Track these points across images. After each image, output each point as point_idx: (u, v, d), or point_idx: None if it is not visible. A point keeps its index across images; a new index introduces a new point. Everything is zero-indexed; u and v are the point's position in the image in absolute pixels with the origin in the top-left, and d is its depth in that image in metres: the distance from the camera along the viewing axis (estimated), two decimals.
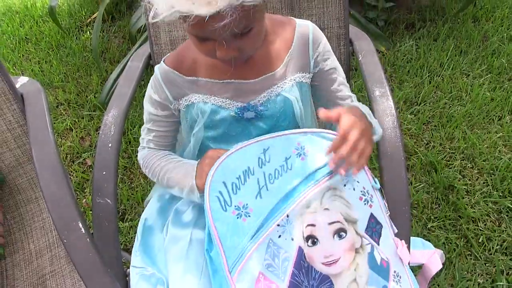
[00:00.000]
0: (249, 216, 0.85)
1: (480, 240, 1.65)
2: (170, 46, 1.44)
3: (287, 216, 0.85)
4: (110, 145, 1.17)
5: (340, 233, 0.87)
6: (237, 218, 0.85)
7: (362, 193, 0.92)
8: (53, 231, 1.27)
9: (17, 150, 1.34)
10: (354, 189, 0.91)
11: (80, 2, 3.38)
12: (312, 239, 0.85)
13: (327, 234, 0.86)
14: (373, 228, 0.91)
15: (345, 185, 0.90)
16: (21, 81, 1.38)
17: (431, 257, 1.02)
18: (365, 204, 0.91)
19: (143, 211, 1.20)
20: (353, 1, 2.71)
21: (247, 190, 0.87)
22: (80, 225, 0.99)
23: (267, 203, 0.86)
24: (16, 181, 1.35)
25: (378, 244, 0.91)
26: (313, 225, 0.86)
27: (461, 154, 1.98)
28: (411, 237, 1.01)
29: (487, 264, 1.58)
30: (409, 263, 0.96)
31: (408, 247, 0.98)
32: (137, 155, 2.06)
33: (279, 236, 0.84)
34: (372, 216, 0.92)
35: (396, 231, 0.97)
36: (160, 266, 1.02)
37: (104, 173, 1.13)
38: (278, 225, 0.85)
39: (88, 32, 3.07)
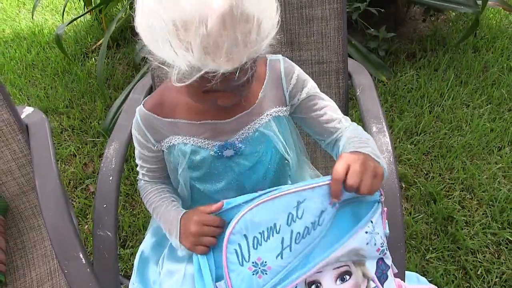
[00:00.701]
0: (266, 273, 0.83)
1: (479, 272, 1.64)
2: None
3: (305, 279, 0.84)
4: (111, 178, 1.19)
5: (343, 276, 0.85)
6: (253, 274, 0.83)
7: (381, 245, 0.89)
8: (54, 259, 1.28)
9: (21, 179, 1.38)
10: (375, 244, 0.87)
11: (86, 29, 3.44)
12: (315, 284, 0.85)
13: (329, 278, 0.85)
14: (383, 270, 0.89)
15: (367, 244, 0.86)
16: (26, 112, 1.41)
17: None
18: (380, 254, 0.89)
19: (143, 239, 1.23)
20: (354, 31, 2.77)
21: (269, 247, 0.84)
22: (81, 255, 1.02)
23: (286, 263, 0.83)
24: (19, 209, 1.38)
25: (383, 287, 0.90)
26: (319, 271, 0.85)
27: (460, 185, 1.99)
28: (407, 272, 1.02)
29: None
30: None
31: (403, 279, 0.98)
32: None
33: None
34: (381, 258, 0.90)
35: (396, 271, 0.95)
36: None
37: (104, 205, 1.15)
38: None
39: (93, 58, 3.13)
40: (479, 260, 1.69)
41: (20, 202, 1.38)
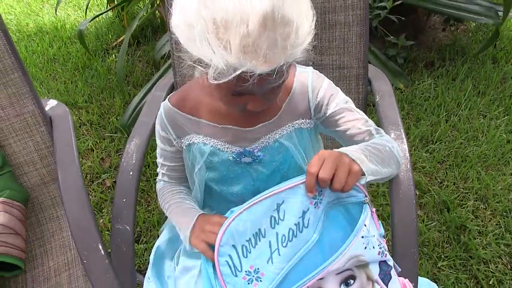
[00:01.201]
0: (260, 280, 0.83)
1: (490, 282, 1.65)
2: (192, 77, 1.48)
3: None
4: (131, 173, 1.21)
5: (347, 281, 0.85)
6: (248, 283, 0.83)
7: (379, 247, 0.88)
8: (72, 250, 1.31)
9: (43, 170, 1.39)
10: (373, 247, 0.86)
11: (107, 25, 3.49)
12: None
13: (333, 284, 0.84)
14: (386, 271, 0.89)
15: (365, 248, 0.85)
16: (50, 104, 1.44)
17: None
18: (381, 256, 0.88)
19: (158, 235, 1.25)
20: (374, 38, 2.78)
21: (258, 253, 0.83)
22: (100, 246, 1.04)
23: (278, 269, 0.83)
24: (39, 199, 1.40)
25: (387, 287, 0.90)
26: (321, 278, 0.84)
27: (474, 195, 1.99)
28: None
29: None
30: None
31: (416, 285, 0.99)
32: (155, 179, 2.12)
33: None
34: (382, 260, 0.90)
35: (399, 270, 0.96)
36: None
37: (124, 200, 1.17)
38: None
39: (113, 55, 3.17)
40: (491, 270, 1.69)
41: (40, 192, 1.40)
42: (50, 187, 1.41)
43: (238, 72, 0.71)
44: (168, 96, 1.04)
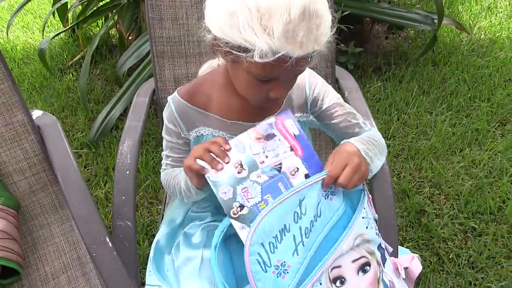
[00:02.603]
0: (287, 272, 0.87)
1: (450, 257, 1.82)
2: (174, 83, 1.57)
3: (323, 272, 0.89)
4: (127, 172, 1.26)
5: (364, 267, 0.91)
6: (277, 277, 0.87)
7: (376, 228, 0.96)
8: (66, 254, 1.32)
9: (32, 178, 1.40)
10: (372, 227, 0.95)
11: (61, 46, 3.48)
12: (340, 280, 0.90)
13: (352, 271, 0.91)
14: (382, 254, 0.97)
15: (367, 227, 0.94)
16: (36, 114, 1.45)
17: (413, 261, 1.15)
18: (378, 237, 0.97)
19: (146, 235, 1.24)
20: None
21: (284, 247, 0.88)
22: (107, 239, 1.08)
23: (302, 258, 0.88)
24: (29, 208, 1.40)
25: (384, 267, 0.97)
26: (339, 266, 0.90)
27: (429, 182, 2.18)
28: None
29: (457, 278, 1.75)
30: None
31: (397, 255, 1.11)
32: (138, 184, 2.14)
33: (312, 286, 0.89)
34: (379, 243, 0.98)
35: (391, 250, 1.06)
36: (172, 284, 1.11)
37: (123, 197, 1.21)
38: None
39: (70, 74, 3.16)
40: (449, 246, 1.87)
41: (29, 201, 1.40)
42: (39, 195, 1.41)
43: (279, 55, 0.78)
44: (176, 90, 1.08)
